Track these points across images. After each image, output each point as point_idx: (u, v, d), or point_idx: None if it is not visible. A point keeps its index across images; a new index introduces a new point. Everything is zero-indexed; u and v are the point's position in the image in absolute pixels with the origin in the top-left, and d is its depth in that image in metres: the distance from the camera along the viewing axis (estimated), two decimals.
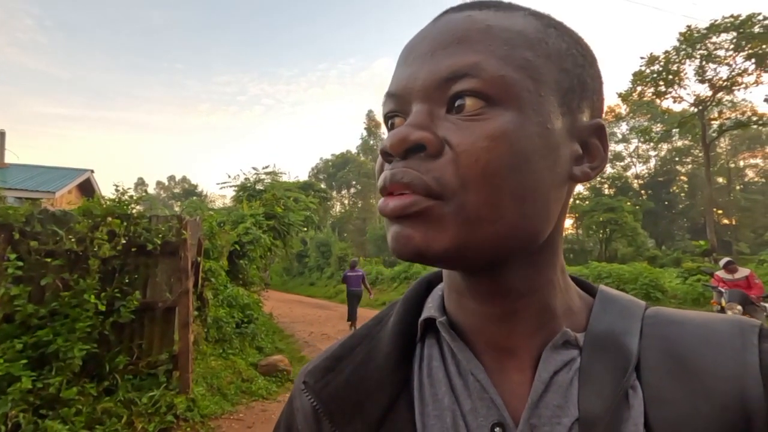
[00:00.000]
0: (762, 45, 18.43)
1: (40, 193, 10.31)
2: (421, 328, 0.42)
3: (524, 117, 0.32)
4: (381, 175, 0.35)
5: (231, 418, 4.04)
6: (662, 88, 22.18)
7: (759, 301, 5.43)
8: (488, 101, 0.32)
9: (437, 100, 0.33)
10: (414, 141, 0.32)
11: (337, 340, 0.47)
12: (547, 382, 0.35)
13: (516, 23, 0.35)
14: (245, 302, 7.01)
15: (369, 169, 46.27)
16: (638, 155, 40.70)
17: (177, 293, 3.97)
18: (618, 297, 0.41)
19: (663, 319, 0.38)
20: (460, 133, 0.32)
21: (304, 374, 0.44)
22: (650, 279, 11.03)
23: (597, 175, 0.36)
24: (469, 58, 0.32)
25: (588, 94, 0.37)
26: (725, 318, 0.37)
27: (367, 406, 0.38)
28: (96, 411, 3.23)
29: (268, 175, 14.69)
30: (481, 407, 0.35)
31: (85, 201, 3.93)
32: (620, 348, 0.35)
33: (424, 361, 0.40)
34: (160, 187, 72.27)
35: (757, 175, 39.67)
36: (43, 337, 3.20)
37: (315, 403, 0.40)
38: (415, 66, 0.35)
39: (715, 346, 0.34)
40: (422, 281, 0.48)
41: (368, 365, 0.41)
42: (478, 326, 0.39)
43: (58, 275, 3.44)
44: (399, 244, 0.33)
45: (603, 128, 0.37)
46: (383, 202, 0.34)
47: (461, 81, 0.32)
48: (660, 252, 28.23)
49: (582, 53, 0.37)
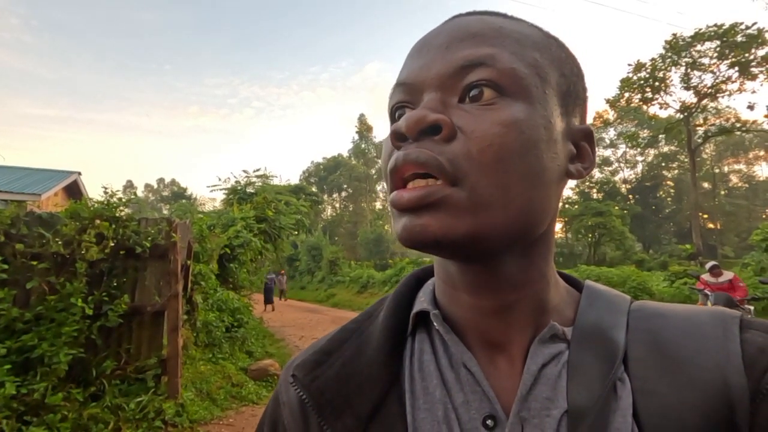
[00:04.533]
0: (744, 54, 18.89)
1: (25, 195, 10.10)
2: (413, 321, 0.42)
3: (532, 109, 0.34)
4: (391, 157, 0.35)
5: (221, 424, 3.99)
6: (649, 94, 22.62)
7: (743, 303, 5.57)
8: (500, 91, 0.34)
9: (451, 89, 0.35)
10: (431, 122, 0.33)
11: (325, 335, 0.47)
12: (535, 374, 0.35)
13: (524, 29, 0.38)
14: (235, 306, 6.95)
15: (360, 172, 46.23)
16: (626, 160, 41.36)
17: (166, 297, 3.91)
18: (604, 292, 0.42)
19: (648, 313, 0.39)
20: (473, 119, 0.33)
21: (292, 367, 0.43)
22: (638, 282, 11.23)
23: (587, 175, 0.39)
24: (484, 50, 0.34)
25: (580, 102, 0.40)
26: (707, 310, 0.38)
27: (357, 401, 0.38)
28: (82, 417, 3.17)
29: (259, 178, 14.59)
30: (473, 400, 0.36)
31: (72, 203, 3.86)
32: (607, 341, 0.36)
33: (414, 354, 0.40)
34: (149, 190, 71.44)
35: (741, 181, 40.52)
36: (28, 341, 3.12)
37: (304, 396, 0.40)
38: (429, 57, 0.36)
39: (698, 337, 0.35)
40: (411, 277, 0.48)
41: (358, 359, 0.41)
42: (471, 320, 0.39)
43: (44, 279, 3.37)
44: (414, 234, 0.33)
45: (592, 133, 0.40)
46: (397, 194, 0.34)
47: (477, 70, 0.34)
48: (647, 256, 28.64)
49: (576, 66, 0.40)
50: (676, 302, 4.10)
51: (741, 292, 5.80)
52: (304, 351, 0.46)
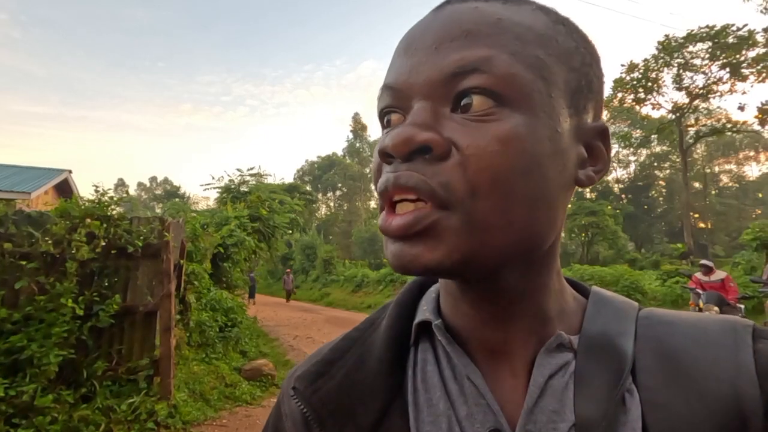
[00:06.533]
0: (735, 55, 19.12)
1: (14, 193, 9.95)
2: (416, 331, 0.41)
3: (535, 120, 0.30)
4: (381, 178, 0.32)
5: (214, 425, 3.96)
6: (641, 94, 22.82)
7: (735, 302, 5.64)
8: (498, 100, 0.30)
9: (442, 98, 0.31)
10: (420, 143, 0.30)
11: (327, 342, 0.45)
12: (542, 386, 0.34)
13: (526, 18, 0.33)
14: (229, 306, 6.90)
15: (355, 171, 46.20)
16: (619, 160, 41.68)
17: (158, 297, 3.88)
18: (611, 298, 0.41)
19: (656, 320, 0.37)
20: (468, 134, 0.30)
21: (293, 379, 0.42)
22: (631, 281, 11.34)
23: (600, 179, 0.36)
24: (479, 52, 0.30)
25: (593, 94, 0.36)
26: (718, 318, 0.36)
27: (359, 413, 0.37)
28: (72, 419, 3.13)
29: (253, 176, 14.55)
30: (477, 413, 0.35)
31: (62, 202, 3.81)
32: (615, 350, 0.35)
33: (418, 365, 0.39)
34: (141, 188, 70.87)
35: (732, 181, 41.07)
36: (17, 342, 3.08)
37: (305, 409, 0.39)
38: (417, 58, 0.33)
39: (709, 346, 0.33)
40: (414, 284, 0.46)
41: (360, 370, 0.39)
42: (473, 329, 0.38)
43: (33, 278, 3.33)
44: (405, 263, 0.31)
45: (606, 131, 0.36)
46: (385, 221, 0.31)
47: (470, 77, 0.30)
48: (640, 255, 28.93)
49: (589, 51, 0.36)
50: (668, 301, 4.14)
51: (732, 292, 5.88)
52: (306, 360, 0.45)
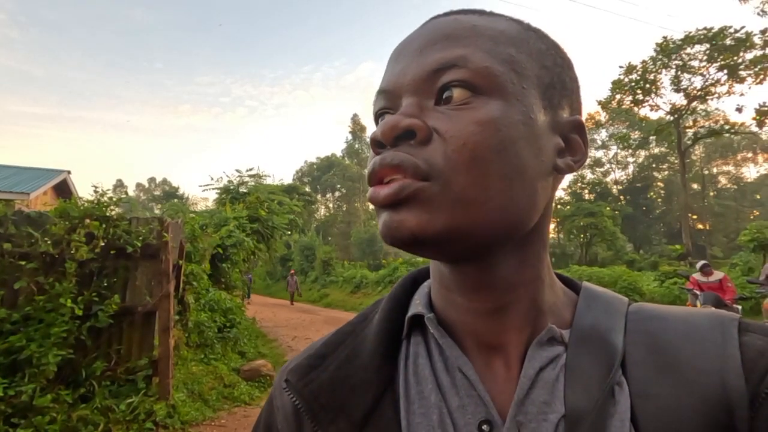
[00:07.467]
0: (733, 57, 19.17)
1: (13, 194, 9.93)
2: (408, 324, 0.42)
3: (509, 105, 0.33)
4: (369, 163, 0.35)
5: (212, 425, 3.96)
6: (640, 96, 22.84)
7: (732, 303, 5.66)
8: (475, 91, 0.33)
9: (426, 93, 0.35)
10: (404, 127, 0.33)
11: (321, 337, 0.46)
12: (533, 378, 0.35)
13: (499, 25, 0.37)
14: (227, 306, 6.90)
15: (354, 172, 46.18)
16: (617, 161, 41.77)
17: (157, 297, 3.87)
18: (602, 293, 0.42)
19: (646, 315, 0.39)
20: (448, 120, 0.33)
21: (285, 372, 0.43)
22: (629, 282, 11.38)
23: (580, 168, 0.38)
24: (456, 51, 0.34)
25: (567, 93, 0.38)
26: (705, 312, 0.38)
27: (350, 405, 0.38)
28: (71, 419, 3.12)
29: (252, 177, 14.56)
30: (468, 404, 0.35)
31: (61, 202, 3.81)
32: (605, 344, 0.36)
33: (409, 358, 0.40)
34: (140, 189, 70.69)
35: (729, 182, 41.17)
36: (16, 342, 3.07)
37: (297, 401, 0.40)
38: (404, 62, 0.36)
39: (696, 340, 0.34)
40: (408, 278, 0.47)
41: (352, 363, 0.40)
42: (466, 322, 0.39)
43: (32, 279, 3.32)
44: (392, 230, 0.33)
45: (582, 125, 0.39)
46: (373, 191, 0.34)
47: (449, 72, 0.34)
48: (638, 256, 28.97)
49: (560, 55, 0.39)
50: (666, 302, 4.18)
51: (730, 293, 5.89)
52: (299, 354, 0.45)
